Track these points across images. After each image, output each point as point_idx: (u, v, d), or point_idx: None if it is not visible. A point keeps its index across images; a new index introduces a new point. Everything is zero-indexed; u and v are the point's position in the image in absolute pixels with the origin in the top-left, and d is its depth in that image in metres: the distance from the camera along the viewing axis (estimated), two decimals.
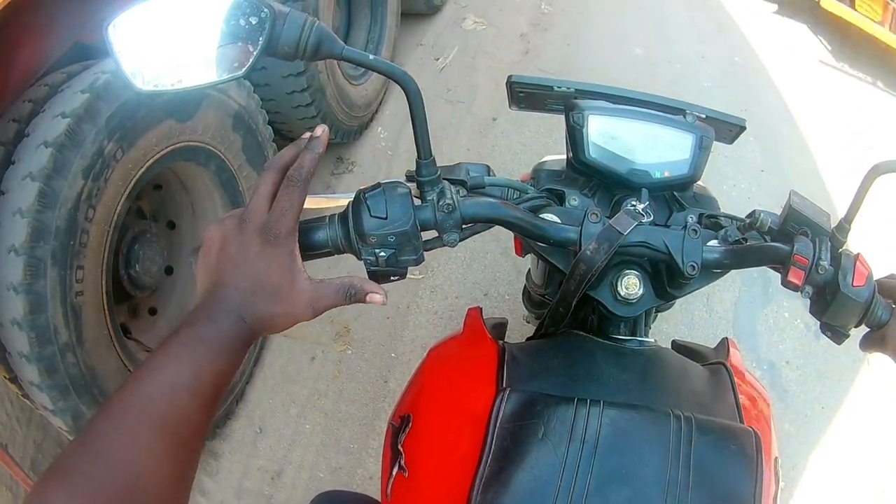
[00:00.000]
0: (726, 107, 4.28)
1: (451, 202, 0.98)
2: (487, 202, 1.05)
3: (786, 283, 1.04)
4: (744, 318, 3.51)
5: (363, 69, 3.62)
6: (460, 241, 1.02)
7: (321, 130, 0.93)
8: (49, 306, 1.79)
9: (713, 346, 1.51)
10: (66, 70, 1.98)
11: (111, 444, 0.74)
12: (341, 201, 1.01)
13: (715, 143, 1.25)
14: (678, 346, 1.62)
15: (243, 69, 0.84)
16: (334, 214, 0.96)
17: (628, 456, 1.03)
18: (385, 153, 3.94)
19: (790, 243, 1.04)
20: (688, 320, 3.44)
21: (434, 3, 4.90)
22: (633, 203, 1.15)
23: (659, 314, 1.85)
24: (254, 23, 0.84)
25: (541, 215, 1.15)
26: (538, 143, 4.04)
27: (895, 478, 3.04)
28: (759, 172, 4.36)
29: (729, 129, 1.44)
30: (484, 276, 3.37)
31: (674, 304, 1.34)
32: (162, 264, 2.42)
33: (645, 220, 1.13)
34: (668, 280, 1.18)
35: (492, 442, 1.03)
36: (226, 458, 2.68)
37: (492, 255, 3.42)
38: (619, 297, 1.20)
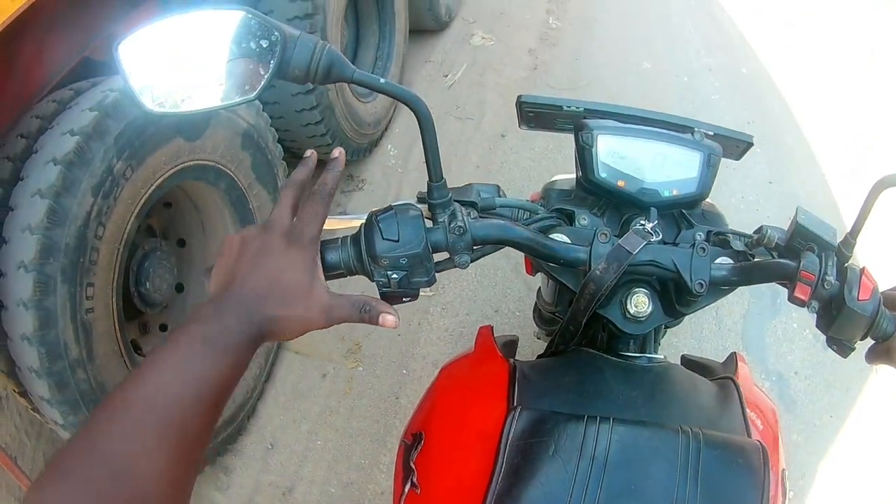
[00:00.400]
0: (733, 119, 4.35)
1: (461, 224, 1.00)
2: (498, 224, 1.07)
3: (792, 299, 1.05)
4: (752, 330, 3.51)
5: None
6: (472, 262, 1.04)
7: (338, 152, 0.96)
8: (59, 322, 1.79)
9: (722, 358, 1.52)
10: (75, 86, 1.99)
11: (113, 446, 0.72)
12: (353, 223, 1.02)
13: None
14: (687, 361, 1.64)
15: (254, 92, 0.85)
16: (346, 236, 0.97)
17: (637, 472, 1.04)
18: (395, 171, 3.94)
19: (797, 259, 1.05)
20: (697, 333, 3.44)
21: (442, 20, 4.92)
22: (642, 222, 1.16)
23: (668, 329, 1.84)
24: (264, 46, 0.85)
25: (551, 235, 1.16)
26: (547, 159, 4.06)
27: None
28: (767, 184, 4.37)
29: (736, 146, 1.44)
30: (494, 293, 3.37)
31: (683, 319, 1.34)
32: (172, 282, 2.42)
33: (654, 239, 1.14)
34: (676, 298, 1.20)
35: (503, 459, 1.04)
36: (237, 474, 2.68)
37: (502, 272, 3.42)
38: (629, 315, 1.21)
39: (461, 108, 4.41)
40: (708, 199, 1.37)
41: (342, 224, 1.03)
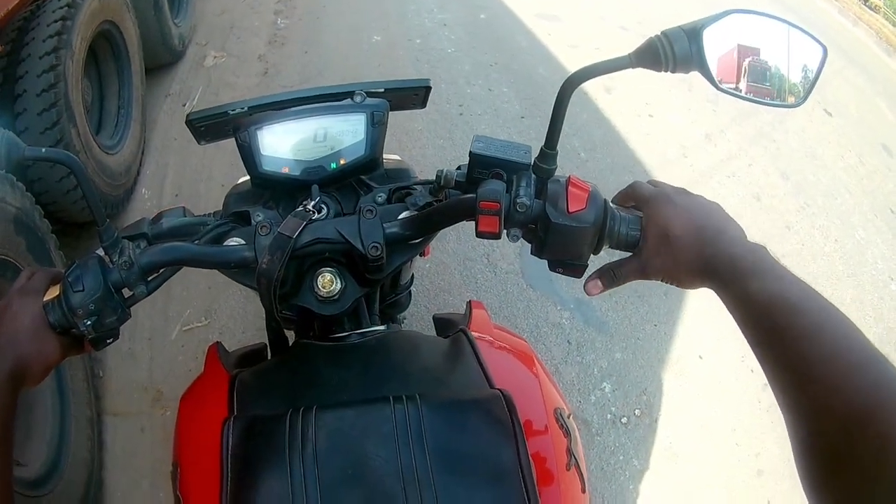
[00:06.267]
0: (475, 65, 5.22)
1: (127, 259, 1.09)
2: (162, 248, 1.14)
3: (481, 235, 1.08)
4: (532, 265, 3.77)
5: (117, 138, 3.96)
6: (152, 290, 1.14)
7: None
8: None
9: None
10: None
11: None
12: None
13: (454, 113, 1.47)
14: (437, 320, 1.79)
15: None
16: (53, 298, 1.07)
17: (352, 454, 1.07)
18: (152, 213, 3.59)
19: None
20: (472, 284, 3.71)
21: (177, 50, 5.26)
22: (304, 203, 1.24)
23: (399, 296, 1.94)
24: None
25: (227, 242, 1.24)
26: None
27: (746, 374, 3.39)
28: (520, 119, 4.86)
29: (415, 94, 1.46)
30: (261, 305, 3.46)
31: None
32: None
33: (317, 216, 1.22)
34: (363, 266, 1.25)
35: (228, 471, 1.08)
36: None
37: None
38: (321, 298, 1.27)
39: None
40: (395, 156, 1.50)
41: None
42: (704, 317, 3.64)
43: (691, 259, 0.98)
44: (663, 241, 1.01)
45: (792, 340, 0.78)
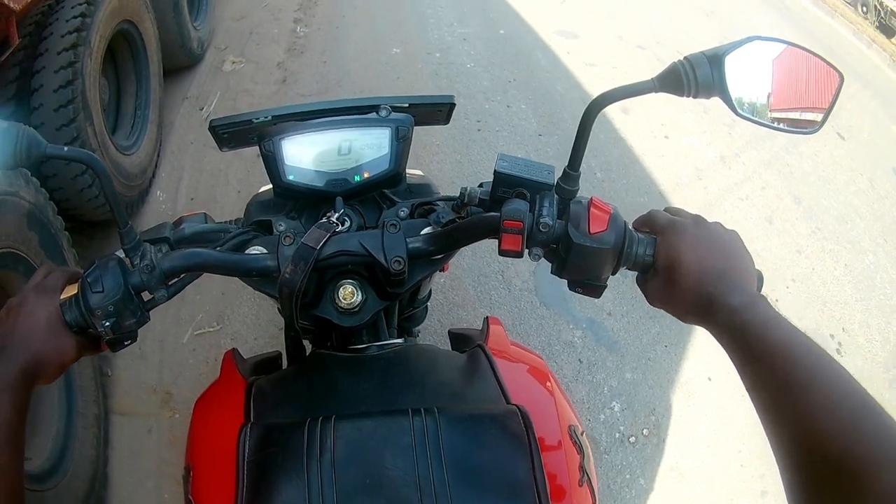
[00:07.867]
0: (493, 81, 5.18)
1: (149, 262, 1.11)
2: (185, 253, 1.16)
3: (504, 253, 1.08)
4: (546, 284, 3.80)
5: (133, 139, 3.96)
6: (173, 294, 1.16)
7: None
8: None
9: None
10: None
11: None
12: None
13: (470, 127, 1.48)
14: (453, 335, 1.79)
15: None
16: (72, 296, 1.08)
17: (370, 464, 1.06)
18: (166, 215, 3.99)
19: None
20: (486, 301, 3.71)
21: (196, 54, 5.28)
22: (328, 215, 1.26)
23: (416, 310, 1.97)
24: None
25: (249, 250, 1.25)
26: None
27: (744, 401, 3.35)
28: (537, 137, 4.87)
29: (439, 110, 1.46)
30: (274, 313, 3.53)
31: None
32: None
33: (340, 228, 1.23)
34: (384, 279, 1.26)
35: (244, 478, 1.08)
36: None
37: None
38: (342, 309, 1.28)
39: None
40: (418, 171, 1.52)
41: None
42: (715, 340, 3.58)
43: (689, 297, 1.00)
44: (669, 274, 1.02)
45: (789, 391, 0.81)
